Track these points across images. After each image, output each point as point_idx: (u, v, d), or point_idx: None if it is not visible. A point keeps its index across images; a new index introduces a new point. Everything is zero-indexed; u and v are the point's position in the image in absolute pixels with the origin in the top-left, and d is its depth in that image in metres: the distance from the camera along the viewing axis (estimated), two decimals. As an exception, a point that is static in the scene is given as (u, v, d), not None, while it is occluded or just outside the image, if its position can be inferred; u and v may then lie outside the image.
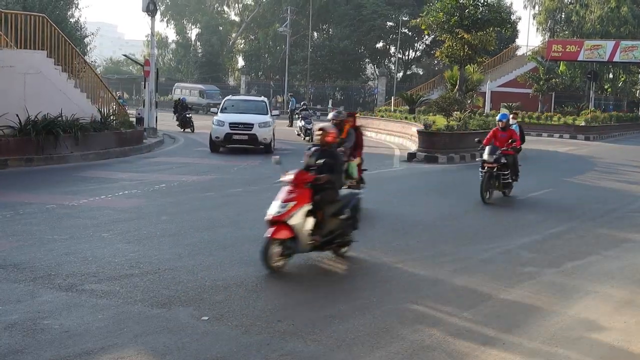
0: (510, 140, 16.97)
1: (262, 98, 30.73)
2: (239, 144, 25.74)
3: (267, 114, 27.10)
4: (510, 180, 17.15)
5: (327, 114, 54.57)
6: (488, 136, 17.05)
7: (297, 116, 40.61)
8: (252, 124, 25.54)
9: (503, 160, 16.48)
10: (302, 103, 43.00)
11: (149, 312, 7.65)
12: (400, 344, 7.12)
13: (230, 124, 25.50)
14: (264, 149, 25.84)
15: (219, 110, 27.31)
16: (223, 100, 29.36)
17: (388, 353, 6.87)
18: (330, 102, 64.73)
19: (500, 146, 16.69)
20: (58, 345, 6.61)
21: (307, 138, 32.56)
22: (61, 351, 6.47)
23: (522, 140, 19.89)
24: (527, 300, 8.90)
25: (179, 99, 41.71)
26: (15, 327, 7.00)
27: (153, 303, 7.95)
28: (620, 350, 7.32)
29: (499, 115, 17.99)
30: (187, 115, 37.37)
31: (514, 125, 19.71)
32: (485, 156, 16.35)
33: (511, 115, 19.98)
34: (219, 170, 20.66)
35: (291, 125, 45.21)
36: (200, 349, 6.69)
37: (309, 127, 32.66)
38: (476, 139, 17.84)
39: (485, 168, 16.28)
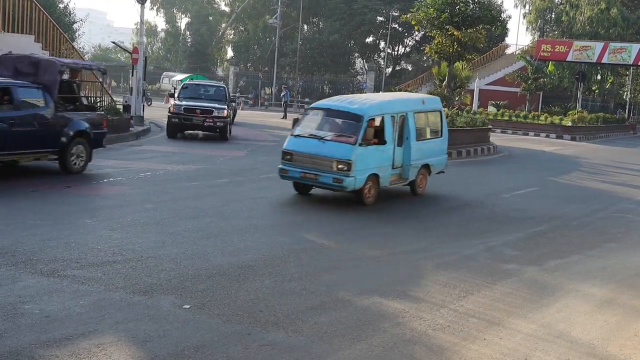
0: None
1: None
2: None
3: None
4: None
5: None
6: None
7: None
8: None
9: None
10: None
11: (130, 299, 7.63)
12: (381, 337, 7.14)
13: None
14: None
15: None
16: None
17: (369, 345, 6.89)
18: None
19: None
20: (38, 330, 6.58)
21: None
22: (41, 336, 6.44)
23: None
24: (508, 297, 8.94)
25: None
26: (-5, 311, 6.97)
27: (135, 290, 7.93)
28: (600, 348, 7.37)
29: None
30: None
31: None
32: None
33: None
34: (205, 160, 20.61)
35: (285, 118, 45.13)
36: (181, 337, 6.68)
37: None
38: None
39: None
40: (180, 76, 58.90)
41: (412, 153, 15.58)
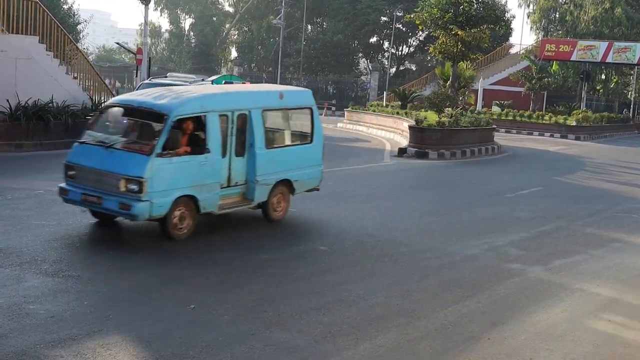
0: None
1: None
2: None
3: None
4: None
5: None
6: None
7: None
8: None
9: None
10: None
11: (135, 299, 7.65)
12: (385, 336, 7.14)
13: None
14: None
15: None
16: None
17: (373, 345, 6.89)
18: None
19: None
20: (43, 330, 6.60)
21: None
22: (46, 336, 6.46)
23: None
24: (513, 297, 8.94)
25: None
26: (0, 311, 6.98)
27: (140, 290, 7.94)
28: (604, 347, 7.36)
29: None
30: None
31: None
32: None
33: None
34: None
35: None
36: (186, 337, 6.69)
37: None
38: None
39: None
40: (211, 78, 58.75)
41: (258, 165, 11.28)
